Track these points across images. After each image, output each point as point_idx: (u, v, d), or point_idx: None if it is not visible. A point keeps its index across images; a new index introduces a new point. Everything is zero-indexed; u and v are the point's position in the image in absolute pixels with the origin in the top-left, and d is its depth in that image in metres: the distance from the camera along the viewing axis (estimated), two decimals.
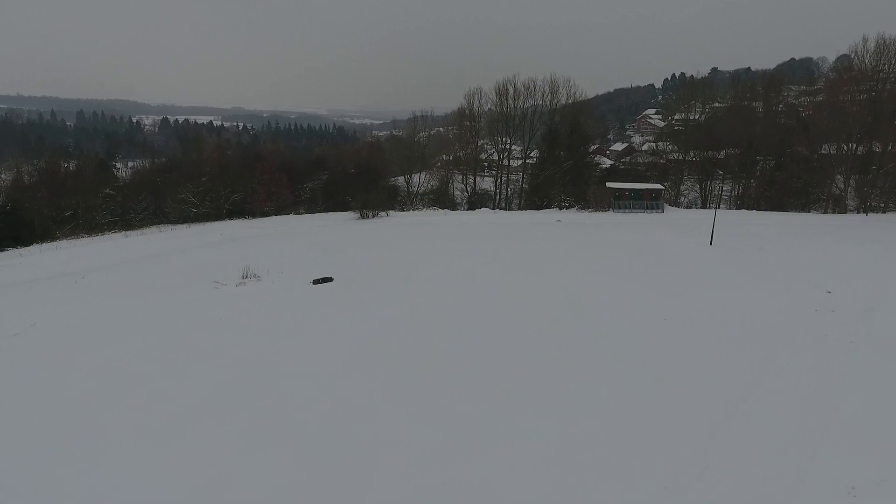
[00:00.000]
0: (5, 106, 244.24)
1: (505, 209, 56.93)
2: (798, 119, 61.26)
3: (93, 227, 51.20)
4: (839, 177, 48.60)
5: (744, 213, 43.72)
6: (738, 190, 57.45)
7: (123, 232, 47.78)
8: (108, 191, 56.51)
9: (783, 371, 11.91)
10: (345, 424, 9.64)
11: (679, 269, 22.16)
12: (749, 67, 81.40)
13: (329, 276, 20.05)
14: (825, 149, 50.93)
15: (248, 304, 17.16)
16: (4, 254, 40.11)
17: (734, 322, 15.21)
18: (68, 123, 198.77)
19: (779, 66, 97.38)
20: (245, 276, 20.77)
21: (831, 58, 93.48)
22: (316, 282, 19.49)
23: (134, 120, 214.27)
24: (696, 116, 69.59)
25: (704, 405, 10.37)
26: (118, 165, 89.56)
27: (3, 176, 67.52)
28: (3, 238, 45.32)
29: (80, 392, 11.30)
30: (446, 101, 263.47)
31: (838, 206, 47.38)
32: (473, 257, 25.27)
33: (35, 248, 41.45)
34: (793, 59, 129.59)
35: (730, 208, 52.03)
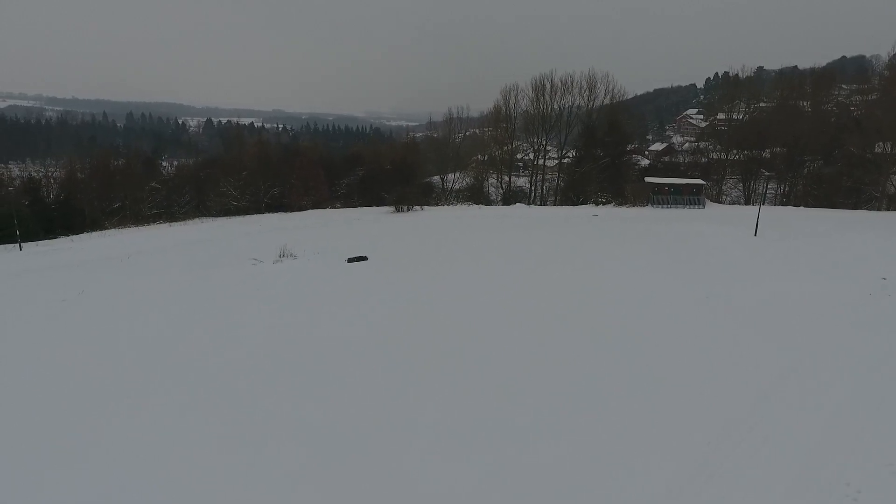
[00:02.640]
0: (61, 108, 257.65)
1: (540, 205, 56.35)
2: (850, 118, 58.65)
3: (139, 218, 53.14)
4: (895, 175, 46.30)
5: (790, 209, 42.06)
6: (784, 188, 55.31)
7: (168, 223, 49.44)
8: (153, 184, 58.51)
9: (835, 346, 11.36)
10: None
11: (721, 257, 21.46)
12: (796, 66, 78.12)
13: (364, 255, 20.19)
14: (879, 147, 48.60)
15: (284, 278, 17.42)
16: (57, 241, 41.97)
17: (782, 305, 14.60)
18: (118, 125, 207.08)
19: (829, 64, 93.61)
20: (282, 255, 21.14)
21: (885, 55, 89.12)
22: (350, 260, 19.66)
23: (180, 121, 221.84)
24: (740, 116, 67.37)
25: (754, 377, 9.96)
26: (164, 164, 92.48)
27: (58, 172, 70.75)
28: (57, 227, 47.54)
29: (118, 350, 11.64)
30: (482, 98, 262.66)
31: (893, 205, 45.11)
32: (505, 246, 25.06)
33: (85, 236, 43.23)
34: (844, 56, 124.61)
35: (775, 205, 50.13)
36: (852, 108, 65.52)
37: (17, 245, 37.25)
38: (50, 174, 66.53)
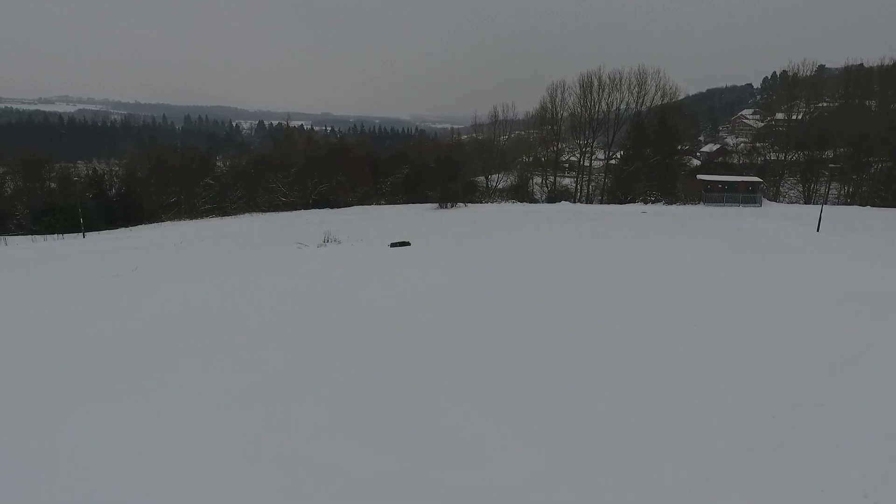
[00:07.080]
0: (125, 112, 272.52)
1: (586, 204, 55.30)
2: None
3: (194, 212, 55.23)
4: None
5: (856, 209, 39.66)
6: (848, 189, 52.32)
7: (219, 217, 51.16)
8: (208, 180, 60.74)
9: None
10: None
11: (783, 248, 20.34)
12: (861, 63, 73.55)
13: (407, 240, 20.17)
14: None
15: (325, 257, 17.58)
16: (117, 231, 44.08)
17: (852, 289, 13.64)
18: (177, 127, 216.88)
19: None
20: (326, 241, 21.39)
21: None
22: (394, 245, 19.67)
23: (234, 124, 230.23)
24: (799, 116, 64.20)
25: (832, 348, 9.31)
26: (219, 164, 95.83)
27: (119, 168, 74.51)
28: (117, 219, 50.07)
29: (162, 316, 11.92)
30: (528, 97, 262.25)
31: None
32: (546, 238, 24.56)
33: (142, 227, 45.22)
34: None
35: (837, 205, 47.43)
36: None
37: (81, 234, 39.50)
38: (113, 171, 70.13)
